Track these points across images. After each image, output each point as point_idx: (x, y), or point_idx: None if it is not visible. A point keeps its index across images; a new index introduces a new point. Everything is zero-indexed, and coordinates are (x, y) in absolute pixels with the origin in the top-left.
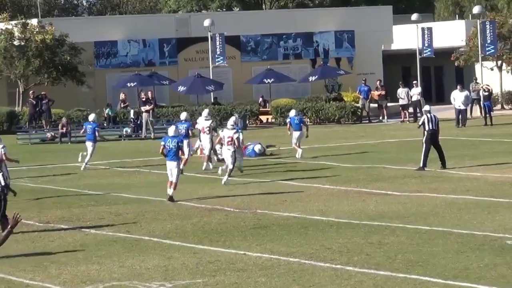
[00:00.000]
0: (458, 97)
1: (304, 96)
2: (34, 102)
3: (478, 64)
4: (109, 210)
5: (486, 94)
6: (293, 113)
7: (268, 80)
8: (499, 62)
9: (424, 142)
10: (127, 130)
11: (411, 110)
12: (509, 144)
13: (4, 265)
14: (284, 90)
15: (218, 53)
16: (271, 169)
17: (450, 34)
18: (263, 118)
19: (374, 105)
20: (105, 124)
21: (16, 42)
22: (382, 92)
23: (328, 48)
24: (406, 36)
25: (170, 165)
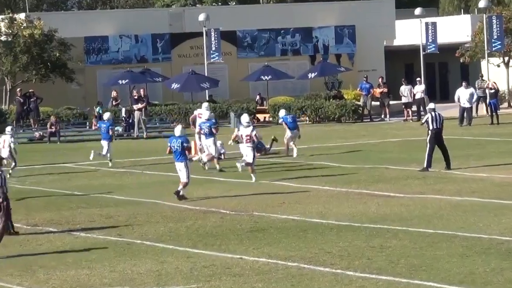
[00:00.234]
0: (463, 94)
1: (303, 93)
2: (21, 100)
3: (484, 60)
4: (99, 213)
5: (492, 91)
6: (283, 112)
7: (265, 77)
8: (506, 59)
9: (428, 141)
10: (119, 129)
11: (415, 108)
12: None
13: None
14: (282, 88)
15: (213, 49)
16: (269, 169)
17: (455, 29)
18: (260, 117)
19: (376, 103)
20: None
21: (3, 38)
22: (384, 89)
23: (328, 43)
24: (409, 31)
25: (178, 166)
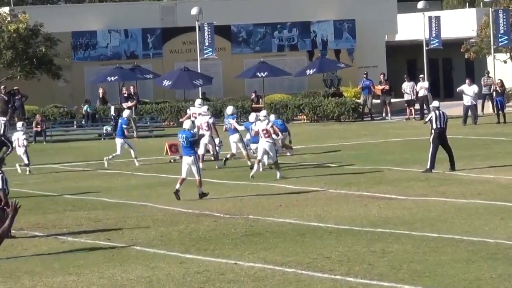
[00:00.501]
0: (466, 92)
1: (300, 91)
2: (5, 98)
3: (490, 56)
4: (87, 216)
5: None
6: (273, 117)
7: (261, 73)
8: None
9: (431, 141)
10: (108, 128)
11: (417, 106)
12: None
13: None
14: (278, 85)
15: (206, 44)
16: (265, 170)
17: (459, 23)
18: None
19: (377, 101)
20: (83, 122)
21: None
22: (386, 86)
23: (326, 39)
24: (412, 25)
25: (186, 160)
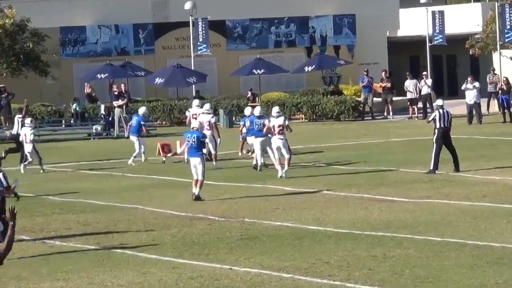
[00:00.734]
0: (468, 90)
1: (298, 89)
2: None
3: (496, 52)
4: (76, 219)
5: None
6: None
7: (257, 71)
8: None
9: (434, 141)
10: (97, 128)
11: (420, 105)
12: None
13: None
14: (275, 83)
15: (200, 40)
16: (261, 172)
17: (464, 18)
18: None
19: (378, 99)
20: (71, 121)
21: None
22: (387, 84)
23: (325, 34)
24: (415, 21)
25: (193, 161)
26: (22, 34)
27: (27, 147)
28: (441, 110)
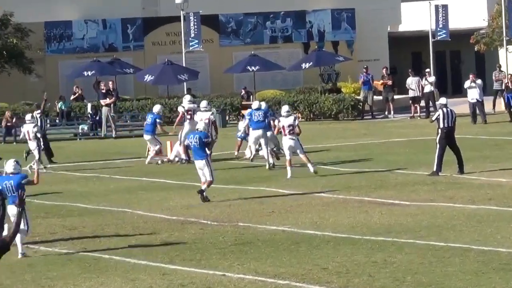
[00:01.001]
0: (471, 88)
1: (295, 87)
2: None
3: (502, 48)
4: (62, 223)
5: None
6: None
7: (252, 68)
8: None
9: (438, 142)
10: (84, 127)
11: (423, 103)
12: None
13: None
14: (271, 80)
15: (192, 35)
16: (255, 173)
17: (469, 12)
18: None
19: (379, 97)
20: (57, 120)
21: None
22: (388, 82)
23: (323, 29)
24: (417, 15)
25: (198, 164)
26: (5, 29)
27: (31, 145)
28: (444, 109)
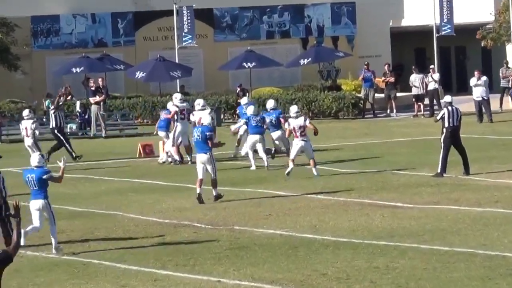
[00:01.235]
0: (476, 85)
1: (292, 84)
2: None
3: (510, 44)
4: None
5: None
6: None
7: (248, 64)
8: None
9: (442, 141)
10: (72, 126)
11: (427, 101)
12: None
13: None
14: (267, 77)
15: (185, 30)
16: (252, 174)
17: (475, 6)
18: None
19: (381, 95)
20: (44, 119)
21: None
22: (391, 79)
23: (322, 24)
24: (420, 9)
25: (200, 158)
26: None
27: (27, 141)
28: (450, 108)
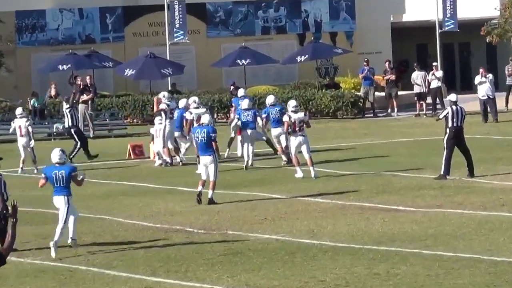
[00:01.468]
0: (481, 83)
1: (289, 82)
2: None
3: None
4: (34, 232)
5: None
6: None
7: (242, 61)
8: None
9: (446, 142)
10: (59, 126)
11: (429, 100)
12: None
13: None
14: (263, 75)
15: (177, 26)
16: (247, 176)
17: (479, 1)
18: None
19: (381, 93)
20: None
21: None
22: (392, 76)
23: (320, 19)
24: (423, 4)
25: (203, 160)
26: None
27: (21, 141)
28: (454, 107)
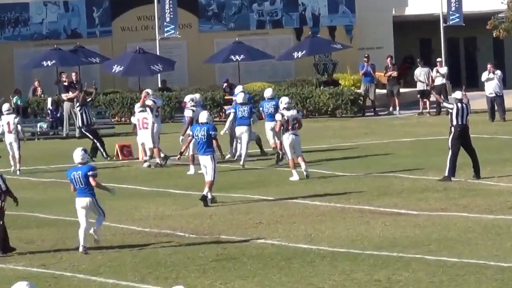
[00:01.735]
0: (489, 81)
1: (285, 79)
2: None
3: None
4: (18, 236)
5: None
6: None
7: (236, 57)
8: None
9: (451, 142)
10: (43, 125)
11: (433, 98)
12: None
13: None
14: (258, 71)
15: (167, 20)
16: (241, 178)
17: None
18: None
19: (382, 91)
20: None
21: None
22: (394, 73)
23: (318, 13)
24: None
25: (203, 160)
26: None
27: (9, 138)
28: (459, 105)
